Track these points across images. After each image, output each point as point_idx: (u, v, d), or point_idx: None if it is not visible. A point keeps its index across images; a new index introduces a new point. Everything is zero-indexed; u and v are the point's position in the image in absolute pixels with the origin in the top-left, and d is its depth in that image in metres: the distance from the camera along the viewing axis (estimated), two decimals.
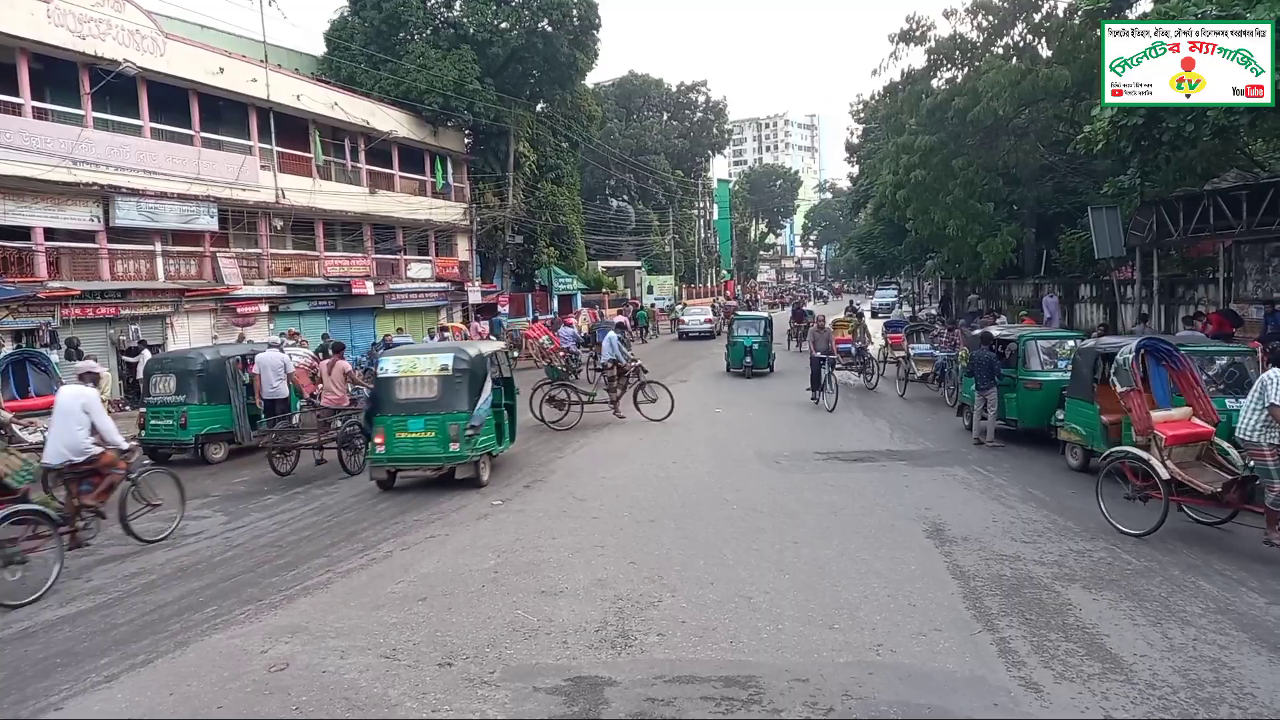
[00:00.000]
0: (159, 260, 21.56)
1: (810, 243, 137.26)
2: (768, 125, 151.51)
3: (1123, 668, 5.13)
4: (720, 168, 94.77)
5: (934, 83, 23.92)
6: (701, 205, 73.79)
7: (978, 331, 14.84)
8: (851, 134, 50.02)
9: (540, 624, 6.06)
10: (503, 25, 33.56)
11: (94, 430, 7.92)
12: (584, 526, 8.75)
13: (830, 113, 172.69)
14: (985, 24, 22.86)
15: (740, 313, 29.28)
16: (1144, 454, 7.91)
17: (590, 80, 45.63)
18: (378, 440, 10.58)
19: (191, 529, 9.27)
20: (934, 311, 36.00)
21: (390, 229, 31.05)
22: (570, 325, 27.29)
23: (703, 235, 74.03)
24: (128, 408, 18.37)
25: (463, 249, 35.39)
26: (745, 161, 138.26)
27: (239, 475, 12.36)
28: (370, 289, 28.15)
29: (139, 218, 20.68)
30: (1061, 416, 11.21)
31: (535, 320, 30.30)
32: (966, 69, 22.93)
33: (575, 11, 34.29)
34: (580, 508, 9.58)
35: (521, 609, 6.37)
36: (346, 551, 8.12)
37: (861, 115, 45.31)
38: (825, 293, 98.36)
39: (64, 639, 6.18)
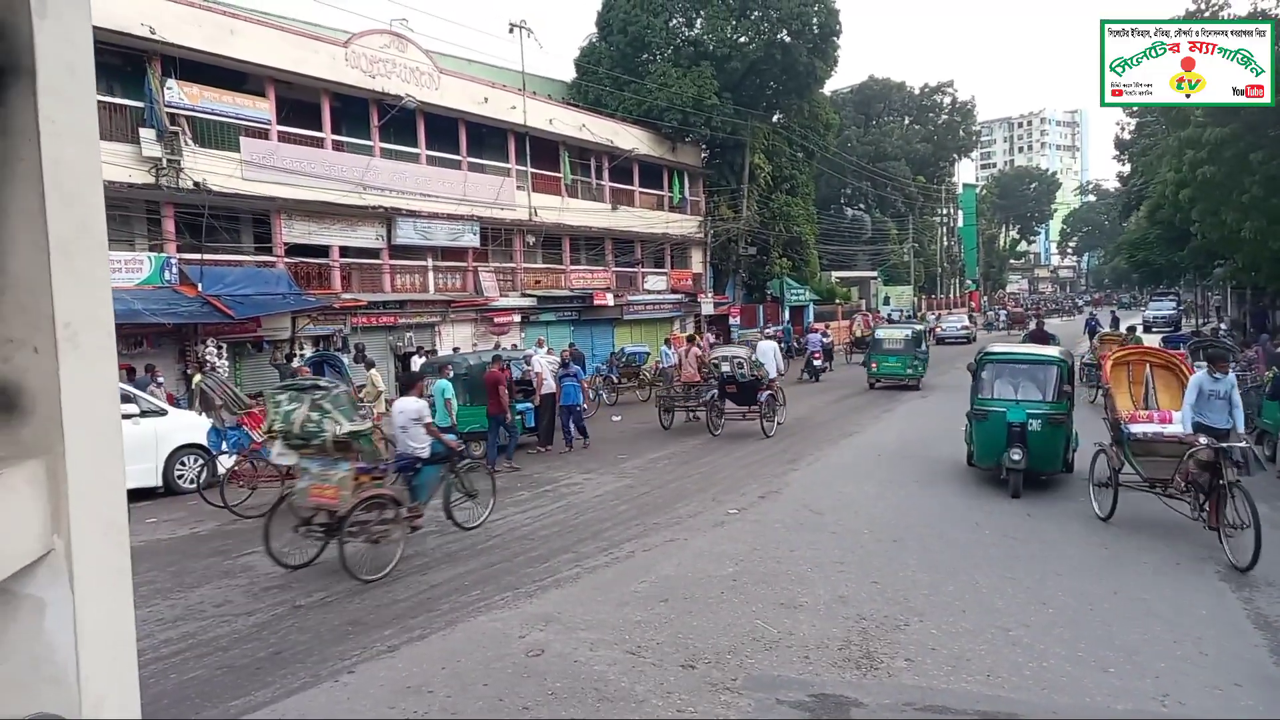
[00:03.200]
0: (430, 274, 23.88)
1: (1068, 250, 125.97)
2: (1021, 124, 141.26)
3: None
4: (966, 171, 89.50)
5: None
6: (944, 212, 70.18)
7: None
8: (1122, 129, 45.25)
9: (781, 636, 6.00)
10: (741, 40, 33.93)
11: None
12: (822, 540, 8.57)
13: (1096, 107, 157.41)
14: None
15: (995, 351, 12.03)
16: None
17: (828, 88, 44.96)
18: (873, 366, 23.25)
19: (458, 519, 10.12)
20: (1223, 326, 31.71)
21: (629, 243, 32.33)
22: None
23: (945, 243, 70.34)
24: None
25: (696, 261, 36.07)
26: (994, 164, 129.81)
27: (496, 472, 13.28)
28: (610, 300, 29.46)
29: (415, 236, 23.06)
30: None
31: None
32: None
33: (815, 20, 34.00)
34: (817, 521, 9.40)
35: (761, 619, 6.34)
36: (592, 549, 8.50)
37: (1135, 108, 40.99)
38: (1079, 302, 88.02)
39: (355, 609, 6.96)
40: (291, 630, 6.51)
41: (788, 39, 33.91)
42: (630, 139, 31.41)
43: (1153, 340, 23.79)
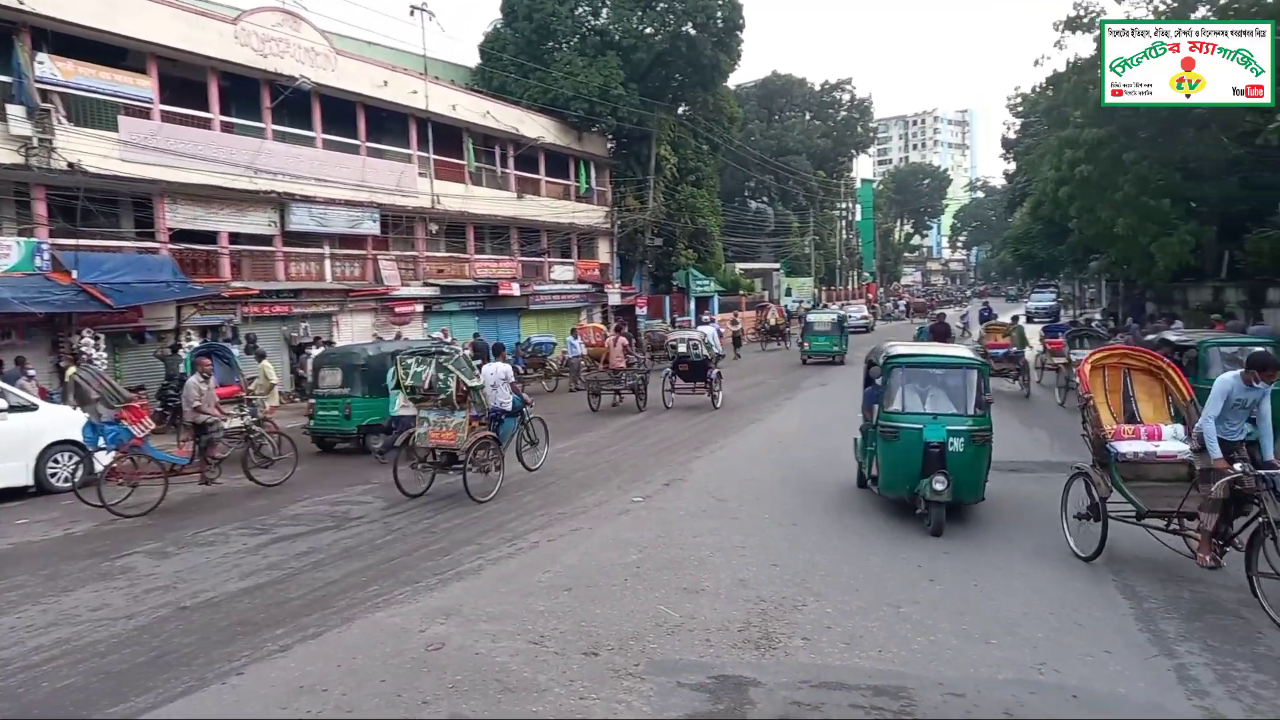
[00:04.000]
0: (327, 262, 23.09)
1: (959, 244, 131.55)
2: (915, 122, 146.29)
3: None
4: (864, 167, 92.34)
5: None
6: (843, 206, 72.22)
7: (1152, 336, 13.79)
8: (1008, 129, 47.45)
9: (683, 620, 6.08)
10: (647, 30, 34.02)
11: None
12: (725, 526, 8.71)
13: (984, 107, 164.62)
14: (1163, 7, 21.20)
15: (901, 352, 9.39)
16: None
17: (732, 81, 45.57)
18: (805, 344, 27.33)
19: (354, 513, 9.88)
20: (1097, 316, 33.74)
21: (535, 232, 32.04)
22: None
23: (844, 237, 72.41)
24: (297, 399, 19.78)
25: (603, 251, 36.06)
26: (890, 160, 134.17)
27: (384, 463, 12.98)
28: (516, 290, 29.15)
29: (311, 223, 22.25)
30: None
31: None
32: None
33: (719, 13, 34.36)
34: (720, 508, 9.55)
35: (664, 604, 6.41)
36: (496, 540, 8.41)
37: (1020, 109, 43.09)
38: (967, 293, 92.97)
39: (244, 609, 6.69)
40: (175, 633, 6.21)
41: (693, 31, 34.18)
42: (536, 127, 31.08)
43: (1033, 330, 25.08)
